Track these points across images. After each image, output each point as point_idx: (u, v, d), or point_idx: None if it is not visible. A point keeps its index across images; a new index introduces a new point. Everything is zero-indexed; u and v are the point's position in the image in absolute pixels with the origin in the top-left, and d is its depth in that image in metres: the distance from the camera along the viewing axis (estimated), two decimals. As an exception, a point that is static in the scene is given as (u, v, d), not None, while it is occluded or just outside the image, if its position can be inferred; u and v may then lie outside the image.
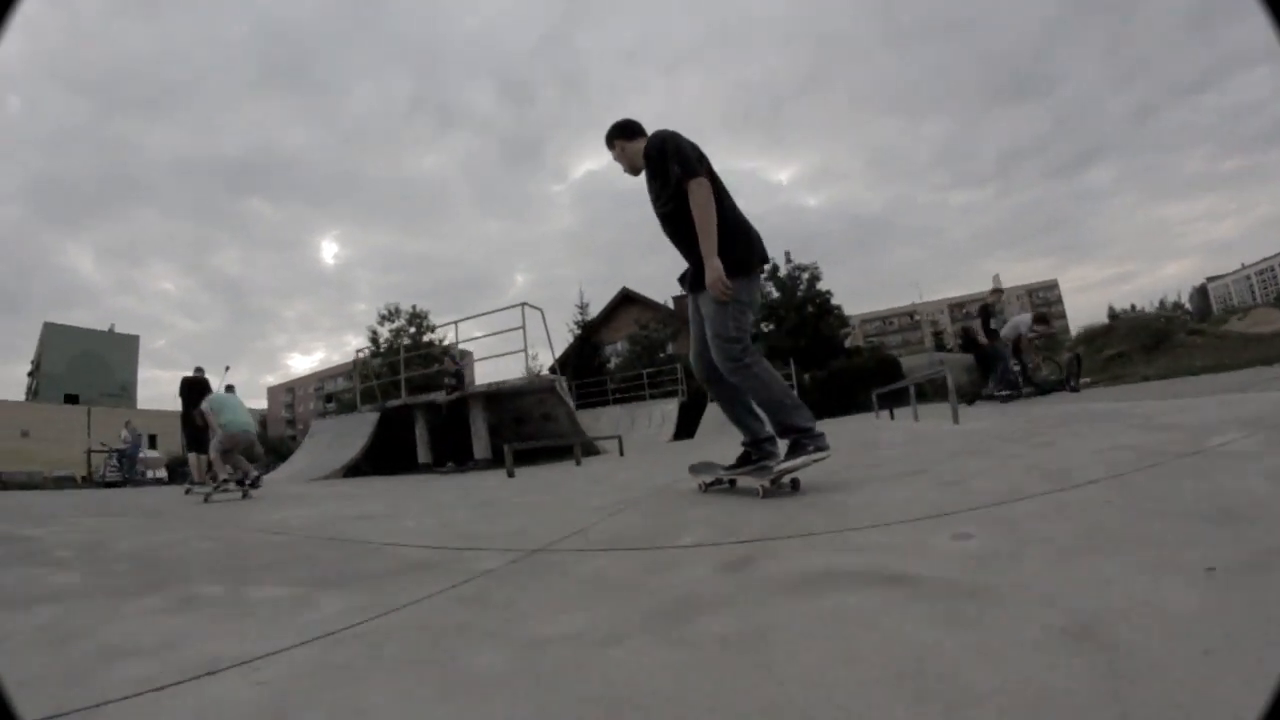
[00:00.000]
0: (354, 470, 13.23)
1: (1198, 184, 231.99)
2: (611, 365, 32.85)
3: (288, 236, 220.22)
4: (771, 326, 35.46)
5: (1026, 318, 13.37)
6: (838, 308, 35.17)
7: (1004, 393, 12.05)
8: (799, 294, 34.87)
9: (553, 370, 32.06)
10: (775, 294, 35.63)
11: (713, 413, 20.70)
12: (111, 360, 72.98)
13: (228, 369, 10.88)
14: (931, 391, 16.93)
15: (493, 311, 14.60)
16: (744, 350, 3.59)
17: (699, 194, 3.51)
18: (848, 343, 35.90)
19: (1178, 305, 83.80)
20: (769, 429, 3.74)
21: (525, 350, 13.41)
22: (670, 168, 3.59)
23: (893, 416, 12.59)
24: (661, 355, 29.74)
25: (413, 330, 36.67)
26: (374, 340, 35.95)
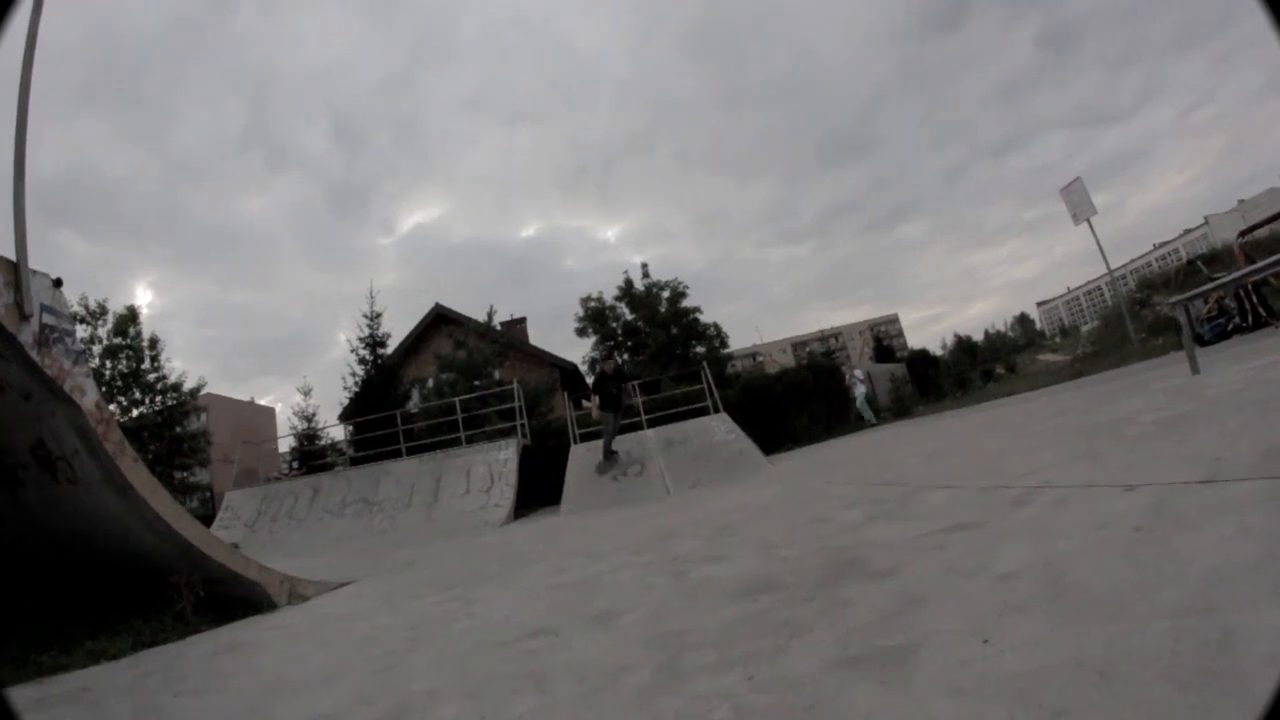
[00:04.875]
0: None
1: (1001, 232, 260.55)
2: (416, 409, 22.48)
3: (98, 278, 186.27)
4: (625, 356, 27.78)
5: None
6: (712, 326, 27.94)
7: None
8: (661, 311, 27.52)
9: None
10: (628, 315, 28.12)
11: (585, 462, 12.15)
12: None
13: None
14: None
15: None
16: None
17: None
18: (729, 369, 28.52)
19: (1000, 334, 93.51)
20: None
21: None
22: None
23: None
24: (480, 382, 20.35)
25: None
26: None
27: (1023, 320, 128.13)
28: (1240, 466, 2.67)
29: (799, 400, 19.42)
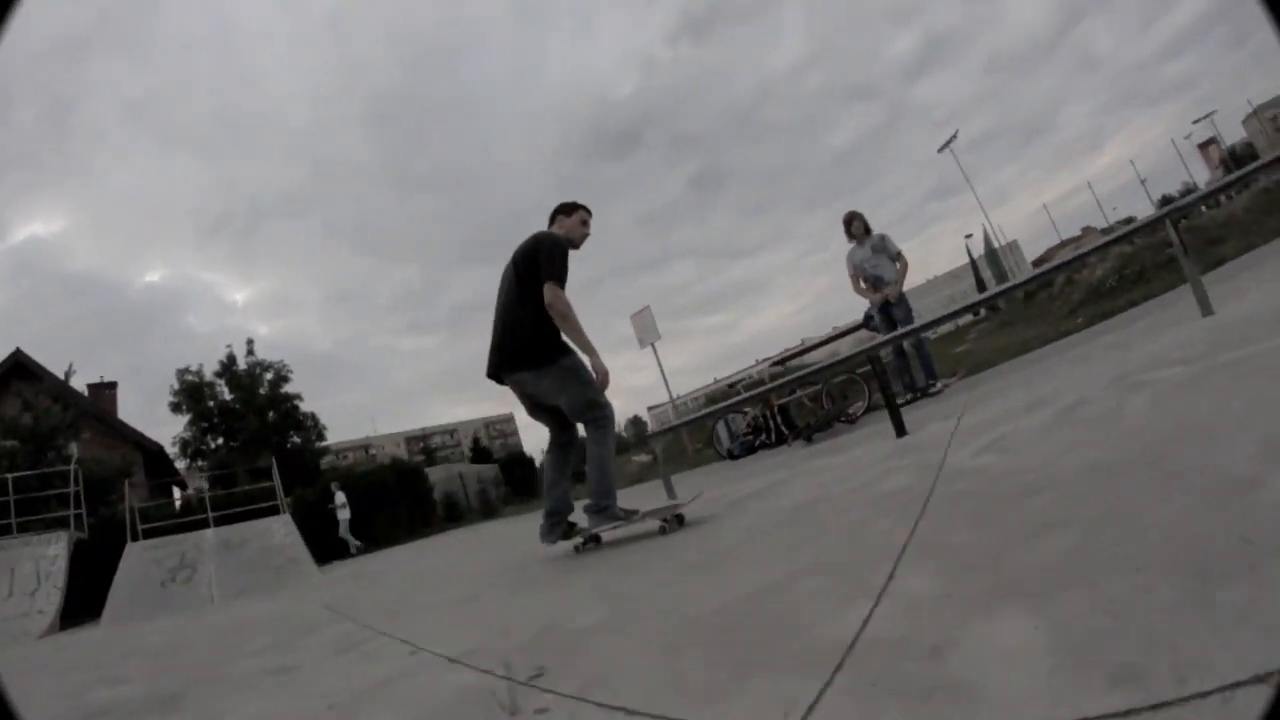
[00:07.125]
0: None
1: (624, 342, 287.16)
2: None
3: None
4: (220, 440, 26.95)
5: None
6: (310, 416, 28.80)
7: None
8: (260, 395, 27.65)
9: None
10: (227, 395, 27.51)
11: (141, 563, 12.30)
12: None
13: None
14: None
15: None
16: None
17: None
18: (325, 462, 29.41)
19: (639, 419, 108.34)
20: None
21: None
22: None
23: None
24: (54, 455, 17.65)
25: None
26: None
27: (636, 422, 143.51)
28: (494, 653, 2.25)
29: (380, 502, 20.45)
